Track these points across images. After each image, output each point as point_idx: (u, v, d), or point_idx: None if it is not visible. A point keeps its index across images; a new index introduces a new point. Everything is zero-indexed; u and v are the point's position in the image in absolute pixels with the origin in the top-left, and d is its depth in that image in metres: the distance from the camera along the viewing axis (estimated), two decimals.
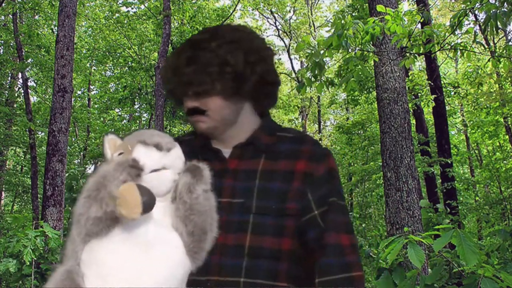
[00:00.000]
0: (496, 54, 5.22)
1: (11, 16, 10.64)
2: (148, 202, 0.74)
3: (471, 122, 13.66)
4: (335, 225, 1.00)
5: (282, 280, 0.95)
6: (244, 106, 1.05)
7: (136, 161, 0.80)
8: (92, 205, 0.76)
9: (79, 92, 16.84)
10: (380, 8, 3.75)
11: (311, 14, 18.11)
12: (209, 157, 1.02)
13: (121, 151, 0.82)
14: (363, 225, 12.64)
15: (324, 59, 3.77)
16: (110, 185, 0.76)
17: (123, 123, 17.12)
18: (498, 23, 3.12)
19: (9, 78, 13.36)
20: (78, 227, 0.78)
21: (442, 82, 9.91)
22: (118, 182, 0.76)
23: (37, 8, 11.41)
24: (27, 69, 12.36)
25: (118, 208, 0.74)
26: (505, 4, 3.14)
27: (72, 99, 7.96)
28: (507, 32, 12.37)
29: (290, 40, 18.18)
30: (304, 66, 4.37)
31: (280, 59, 23.98)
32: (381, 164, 5.74)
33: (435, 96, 9.04)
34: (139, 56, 14.03)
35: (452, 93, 11.16)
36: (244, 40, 1.02)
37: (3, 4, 9.44)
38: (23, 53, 9.94)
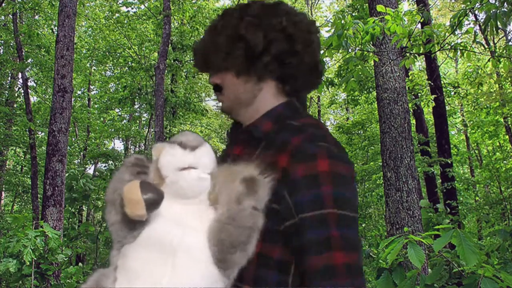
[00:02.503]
0: (496, 54, 5.21)
1: (11, 16, 10.63)
2: (151, 198, 0.72)
3: (471, 122, 13.66)
4: (317, 244, 0.83)
5: (247, 283, 0.87)
6: (264, 87, 0.99)
7: (139, 159, 0.80)
8: (111, 210, 0.77)
9: (79, 92, 16.85)
10: (380, 8, 3.75)
11: (311, 14, 18.11)
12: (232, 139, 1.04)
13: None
14: (363, 225, 12.65)
15: (324, 59, 3.76)
16: (120, 186, 0.76)
17: (123, 123, 17.13)
18: (498, 23, 3.12)
19: (9, 78, 13.37)
20: (111, 234, 0.79)
21: (442, 82, 9.91)
22: (125, 182, 0.76)
23: (37, 8, 11.41)
24: (27, 69, 12.37)
25: (124, 209, 0.73)
26: (505, 4, 3.14)
27: (72, 99, 7.96)
28: (507, 32, 12.37)
29: None
30: None
31: None
32: (381, 164, 5.74)
33: (435, 96, 9.04)
34: (139, 56, 14.04)
35: (452, 93, 11.16)
36: (267, 16, 0.96)
37: (3, 4, 9.44)
38: (23, 53, 9.94)
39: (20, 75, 11.11)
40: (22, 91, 10.94)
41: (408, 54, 4.15)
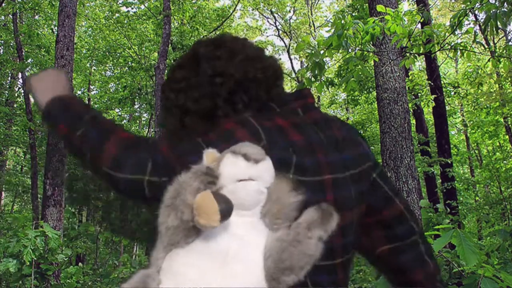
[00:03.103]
0: (496, 54, 5.22)
1: (11, 16, 10.64)
2: (226, 209, 0.72)
3: (471, 122, 13.66)
4: None
5: (339, 255, 0.97)
6: None
7: (210, 168, 0.80)
8: (170, 213, 0.77)
9: (79, 92, 16.84)
10: (380, 8, 3.75)
11: (311, 14, 18.11)
12: None
13: (215, 162, 0.82)
14: None
15: (324, 59, 3.76)
16: (184, 192, 0.76)
17: (123, 123, 17.14)
18: (498, 23, 3.12)
19: (9, 78, 13.37)
20: (160, 236, 0.79)
21: (442, 82, 9.92)
22: (191, 189, 0.76)
23: (37, 8, 11.41)
24: (27, 69, 12.36)
25: (196, 219, 0.73)
26: (505, 4, 3.14)
27: None
28: (507, 32, 12.38)
29: (290, 40, 18.18)
30: (304, 66, 4.37)
31: (280, 59, 24.01)
32: (381, 164, 5.74)
33: (435, 96, 9.04)
34: (139, 56, 14.04)
35: (452, 93, 11.16)
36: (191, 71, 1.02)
37: (3, 4, 9.44)
38: (23, 53, 9.94)
39: (20, 75, 11.12)
40: (22, 91, 10.94)
41: (408, 54, 4.15)
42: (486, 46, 9.77)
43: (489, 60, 4.81)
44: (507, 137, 12.36)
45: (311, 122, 0.97)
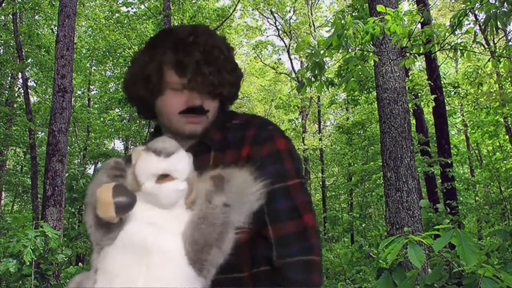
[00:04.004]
0: (496, 54, 5.22)
1: (11, 16, 10.64)
2: (122, 202, 0.72)
3: (471, 122, 13.66)
4: (288, 211, 0.96)
5: (244, 268, 0.97)
6: None
7: (118, 162, 0.81)
8: (89, 212, 0.78)
9: (79, 92, 16.85)
10: (380, 8, 3.75)
11: (311, 14, 18.11)
12: None
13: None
14: (363, 225, 12.65)
15: (324, 59, 3.76)
16: (97, 189, 0.77)
17: (123, 123, 17.13)
18: (498, 23, 3.12)
19: (9, 78, 13.36)
20: (90, 236, 0.80)
21: (442, 82, 9.91)
22: (102, 185, 0.76)
23: (37, 8, 11.41)
24: (27, 69, 12.37)
25: (96, 210, 0.74)
26: (505, 4, 3.14)
27: (72, 99, 7.96)
28: (507, 32, 12.37)
29: (290, 40, 18.18)
30: (304, 66, 4.37)
31: (280, 59, 24.02)
32: (381, 164, 5.74)
33: (435, 96, 9.04)
34: None
35: (452, 93, 11.16)
36: (225, 49, 1.03)
37: (3, 4, 9.44)
38: (23, 53, 9.94)
39: (20, 75, 11.11)
40: (22, 91, 10.94)
41: (408, 54, 4.15)
42: (486, 46, 9.77)
43: (489, 60, 4.81)
44: (507, 137, 12.35)
45: None
